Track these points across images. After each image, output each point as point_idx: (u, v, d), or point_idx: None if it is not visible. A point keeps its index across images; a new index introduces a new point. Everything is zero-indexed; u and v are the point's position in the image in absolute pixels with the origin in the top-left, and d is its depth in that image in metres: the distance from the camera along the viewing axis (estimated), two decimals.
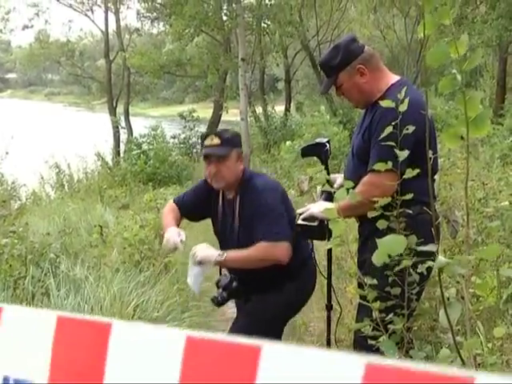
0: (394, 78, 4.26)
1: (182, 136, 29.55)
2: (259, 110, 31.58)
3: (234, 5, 26.25)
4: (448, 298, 2.98)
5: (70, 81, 41.99)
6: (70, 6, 31.24)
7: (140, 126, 29.41)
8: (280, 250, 4.25)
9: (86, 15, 31.74)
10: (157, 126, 26.80)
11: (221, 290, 4.33)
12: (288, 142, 21.31)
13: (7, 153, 18.25)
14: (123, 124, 29.53)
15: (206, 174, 4.51)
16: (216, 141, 4.38)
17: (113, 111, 30.05)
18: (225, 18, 27.46)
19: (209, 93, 34.68)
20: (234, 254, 4.31)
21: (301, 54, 30.93)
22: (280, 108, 32.20)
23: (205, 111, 33.80)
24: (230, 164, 4.37)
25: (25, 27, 32.24)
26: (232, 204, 4.50)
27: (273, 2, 27.49)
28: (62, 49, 33.16)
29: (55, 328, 1.96)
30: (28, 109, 57.66)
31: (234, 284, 4.35)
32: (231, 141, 4.44)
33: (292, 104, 32.98)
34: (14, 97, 78.16)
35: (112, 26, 31.90)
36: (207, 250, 4.30)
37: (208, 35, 29.30)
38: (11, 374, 2.01)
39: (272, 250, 4.23)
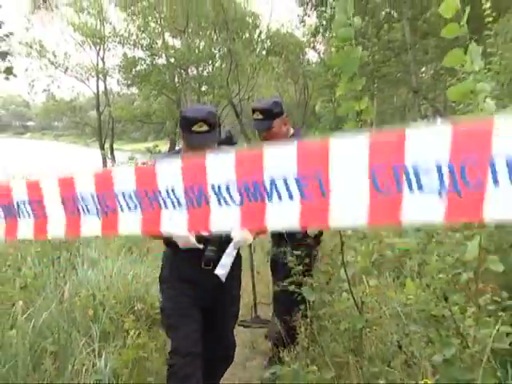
0: (292, 128, 4.42)
1: (150, 163, 30.52)
2: None
3: (183, 75, 28.83)
4: (347, 261, 3.04)
5: (71, 126, 42.59)
6: (76, 77, 31.66)
7: (120, 157, 28.94)
8: None
9: (83, 82, 32.51)
10: (132, 156, 28.64)
11: (211, 248, 3.35)
12: None
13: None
14: (109, 155, 29.67)
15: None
16: (204, 127, 3.18)
17: (101, 146, 30.65)
18: (177, 84, 29.78)
19: (166, 133, 35.15)
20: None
21: (227, 108, 31.58)
22: None
23: (163, 146, 31.71)
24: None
25: (44, 91, 32.61)
26: None
27: (209, 73, 30.05)
28: (66, 105, 33.77)
29: None
30: (41, 146, 58.52)
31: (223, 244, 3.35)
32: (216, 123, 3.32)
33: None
34: (32, 138, 78.69)
35: (101, 88, 32.18)
36: (245, 233, 3.32)
37: (166, 96, 30.53)
38: None
39: None
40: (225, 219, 1.87)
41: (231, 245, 3.26)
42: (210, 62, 29.92)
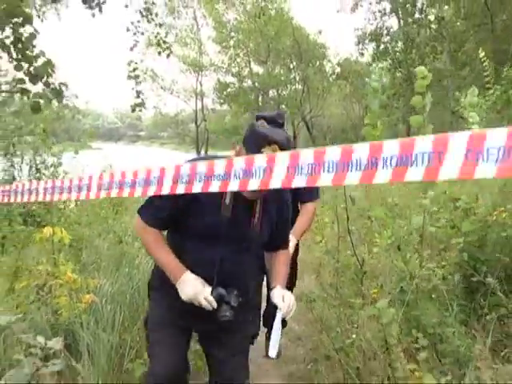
0: None
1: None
2: None
3: (265, 96, 31.45)
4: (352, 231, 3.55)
5: (174, 136, 44.55)
6: (179, 97, 34.63)
7: None
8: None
9: (184, 101, 35.88)
10: None
11: (229, 308, 2.38)
12: None
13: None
14: None
15: None
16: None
17: (198, 153, 32.30)
18: (260, 103, 32.44)
19: None
20: (284, 282, 2.56)
21: (300, 124, 33.22)
22: None
23: None
24: None
25: (153, 107, 34.80)
26: (253, 206, 2.42)
27: (286, 95, 32.47)
28: (171, 119, 36.72)
29: None
30: (149, 152, 62.40)
31: (241, 299, 2.44)
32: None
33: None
34: (142, 145, 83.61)
35: (199, 106, 34.99)
36: (294, 301, 2.46)
37: (251, 112, 32.56)
38: None
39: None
40: None
41: (278, 317, 2.38)
42: (287, 86, 31.96)
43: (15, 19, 3.39)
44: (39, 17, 4.10)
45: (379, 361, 3.13)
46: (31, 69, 3.49)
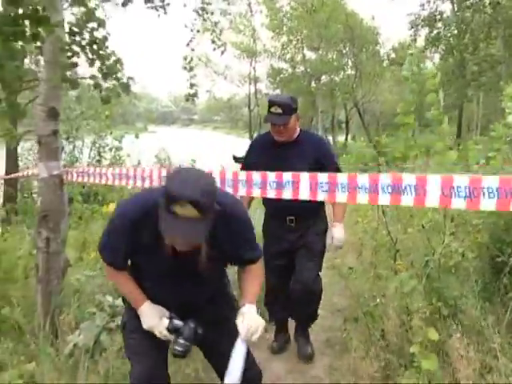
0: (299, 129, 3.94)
1: None
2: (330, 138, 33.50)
3: (317, 82, 31.68)
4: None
5: (227, 120, 44.93)
6: (232, 82, 35.03)
7: None
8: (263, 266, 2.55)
9: (237, 86, 36.30)
10: None
11: (183, 340, 2.31)
12: (344, 156, 22.78)
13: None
14: None
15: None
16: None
17: (251, 137, 31.44)
18: (312, 89, 32.71)
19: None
20: (253, 298, 2.39)
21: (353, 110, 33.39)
22: (342, 138, 35.15)
23: None
24: None
25: (207, 91, 35.00)
26: None
27: (338, 80, 32.58)
28: (224, 103, 36.92)
29: None
30: (202, 135, 63.21)
31: (199, 331, 2.37)
32: None
33: (349, 135, 34.91)
34: (195, 129, 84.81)
35: (252, 91, 34.59)
36: (260, 320, 2.30)
37: (303, 98, 32.43)
38: None
39: (263, 270, 2.55)
40: None
41: (238, 341, 2.24)
42: (339, 71, 31.88)
43: (91, 24, 3.97)
44: (105, 15, 4.60)
45: (400, 324, 3.58)
46: (103, 66, 4.07)
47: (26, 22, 3.55)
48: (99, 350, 3.84)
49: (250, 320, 2.27)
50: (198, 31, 6.83)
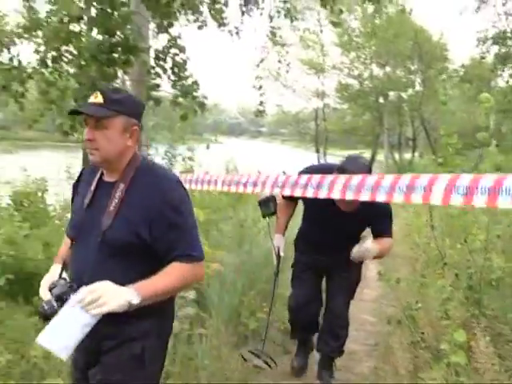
0: None
1: None
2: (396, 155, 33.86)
3: (384, 98, 31.63)
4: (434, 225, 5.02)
5: (294, 133, 45.12)
6: (300, 96, 34.94)
7: (330, 159, 33.53)
8: (200, 272, 2.18)
9: (305, 100, 35.92)
10: (339, 161, 31.68)
11: (53, 298, 1.93)
12: (408, 173, 23.48)
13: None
14: (321, 158, 31.89)
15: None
16: (99, 99, 2.07)
17: (317, 151, 33.40)
18: (379, 105, 32.80)
19: (368, 144, 34.60)
20: (149, 291, 1.96)
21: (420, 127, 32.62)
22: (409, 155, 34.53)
23: (368, 153, 33.02)
24: (111, 133, 2.07)
25: (276, 105, 35.87)
26: (111, 190, 2.09)
27: (405, 97, 32.41)
28: (292, 117, 37.06)
29: None
30: (270, 148, 63.74)
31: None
32: (121, 104, 2.09)
33: (416, 153, 34.33)
34: (263, 141, 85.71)
35: (319, 105, 35.02)
36: (119, 295, 1.88)
37: (370, 114, 33.27)
38: None
39: (193, 274, 2.12)
40: None
41: (72, 304, 1.89)
42: (407, 88, 31.78)
43: (173, 50, 4.54)
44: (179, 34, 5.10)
45: (439, 327, 3.90)
46: (183, 87, 4.62)
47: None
48: None
49: (108, 290, 1.90)
50: (268, 52, 7.34)
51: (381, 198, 2.52)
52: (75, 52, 4.36)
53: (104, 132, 2.06)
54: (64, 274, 2.09)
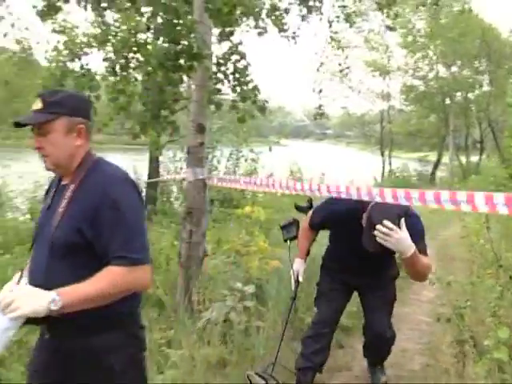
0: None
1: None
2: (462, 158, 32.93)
3: (450, 99, 30.98)
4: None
5: (360, 136, 44.66)
6: (365, 98, 34.10)
7: (395, 162, 31.94)
8: (141, 277, 1.96)
9: (371, 102, 35.73)
10: (404, 163, 31.68)
11: None
12: (473, 176, 21.47)
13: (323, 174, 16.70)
14: (386, 161, 31.79)
15: None
16: (38, 105, 2.01)
17: (382, 154, 32.45)
18: (445, 107, 32.34)
19: (434, 147, 34.59)
20: (74, 296, 1.84)
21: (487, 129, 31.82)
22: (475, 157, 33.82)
23: (433, 157, 34.10)
24: (55, 137, 2.01)
25: (341, 108, 35.91)
26: (65, 192, 2.05)
27: (472, 97, 31.68)
28: (357, 119, 36.65)
29: None
30: (335, 150, 63.62)
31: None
32: (60, 105, 2.01)
33: (484, 155, 33.35)
34: (328, 143, 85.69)
35: (384, 107, 34.09)
36: (34, 300, 1.79)
37: (438, 117, 32.58)
38: None
39: (131, 279, 1.92)
40: None
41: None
42: (474, 88, 30.97)
43: (234, 56, 4.79)
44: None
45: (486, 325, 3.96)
46: (243, 92, 4.87)
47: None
48: (228, 326, 4.58)
49: (21, 296, 1.83)
50: (327, 57, 7.50)
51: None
52: (142, 59, 4.67)
53: (48, 137, 2.01)
54: (23, 279, 2.01)
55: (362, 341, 4.23)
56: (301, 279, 3.90)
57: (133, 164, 15.12)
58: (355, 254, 3.44)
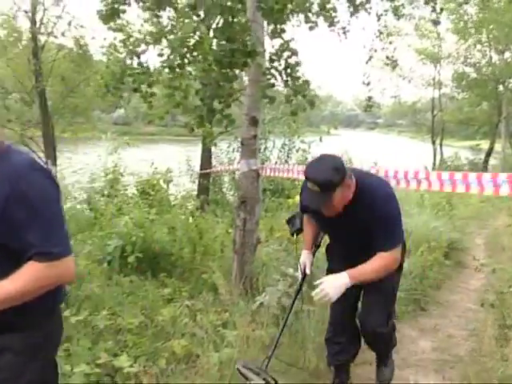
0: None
1: None
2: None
3: (502, 86, 30.06)
4: None
5: (411, 124, 43.86)
6: (416, 86, 35.15)
7: (447, 151, 31.61)
8: (64, 271, 1.85)
9: (422, 89, 35.79)
10: (455, 152, 30.89)
11: None
12: None
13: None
14: (438, 149, 31.52)
15: None
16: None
17: (433, 142, 32.08)
18: (498, 94, 31.28)
19: (486, 135, 33.28)
20: None
21: None
22: None
23: (485, 145, 32.70)
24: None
25: (392, 97, 34.40)
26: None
27: None
28: (408, 108, 36.21)
29: None
30: (386, 139, 62.95)
31: None
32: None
33: None
34: (380, 132, 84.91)
35: (436, 95, 33.71)
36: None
37: (490, 104, 30.96)
38: None
39: (52, 274, 1.81)
40: None
41: None
42: None
43: (286, 53, 4.96)
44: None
45: None
46: (294, 86, 5.03)
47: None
48: (280, 309, 4.77)
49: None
50: (376, 51, 7.55)
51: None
52: (199, 57, 4.89)
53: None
54: None
55: None
56: (308, 271, 3.67)
57: (186, 155, 15.51)
58: (342, 243, 3.39)
